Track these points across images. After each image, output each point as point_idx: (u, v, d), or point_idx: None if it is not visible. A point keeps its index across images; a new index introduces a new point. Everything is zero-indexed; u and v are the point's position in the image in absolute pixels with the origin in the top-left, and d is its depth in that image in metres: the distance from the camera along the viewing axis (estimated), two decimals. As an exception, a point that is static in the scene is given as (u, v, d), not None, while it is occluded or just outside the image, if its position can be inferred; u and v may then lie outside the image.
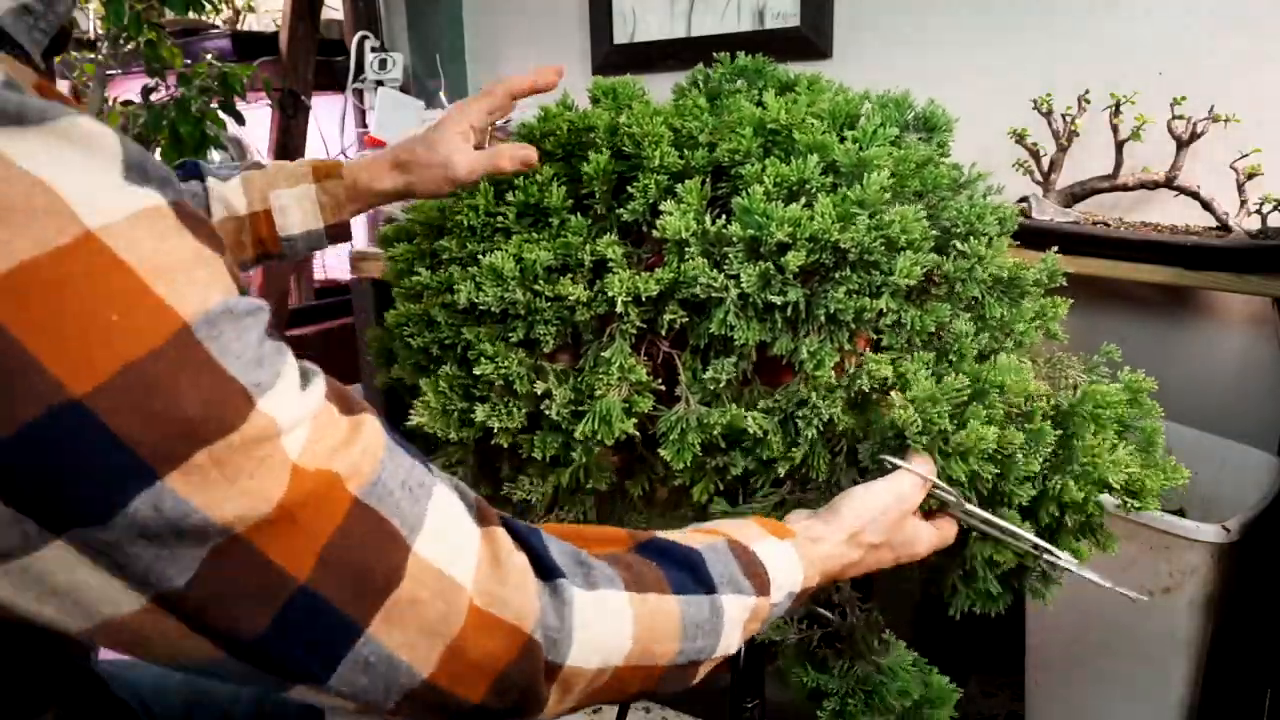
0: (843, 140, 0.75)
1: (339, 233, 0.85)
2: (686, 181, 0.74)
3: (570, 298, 0.73)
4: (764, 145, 0.76)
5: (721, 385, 0.72)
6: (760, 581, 0.56)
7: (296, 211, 0.82)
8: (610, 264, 0.74)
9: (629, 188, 0.77)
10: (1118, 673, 1.29)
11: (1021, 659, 1.42)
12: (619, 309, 0.72)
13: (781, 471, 0.72)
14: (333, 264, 2.64)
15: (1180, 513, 1.33)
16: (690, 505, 0.78)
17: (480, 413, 0.77)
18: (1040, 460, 0.67)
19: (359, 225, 2.42)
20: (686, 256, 0.71)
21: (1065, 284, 0.84)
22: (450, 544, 0.44)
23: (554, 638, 0.46)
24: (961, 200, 0.78)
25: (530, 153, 0.78)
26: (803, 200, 0.71)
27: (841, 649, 0.77)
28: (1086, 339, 1.60)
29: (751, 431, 0.71)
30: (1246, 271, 1.20)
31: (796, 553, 0.60)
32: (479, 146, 0.84)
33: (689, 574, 0.54)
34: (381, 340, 0.90)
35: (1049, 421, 0.69)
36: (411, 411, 0.81)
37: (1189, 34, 1.43)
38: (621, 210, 0.77)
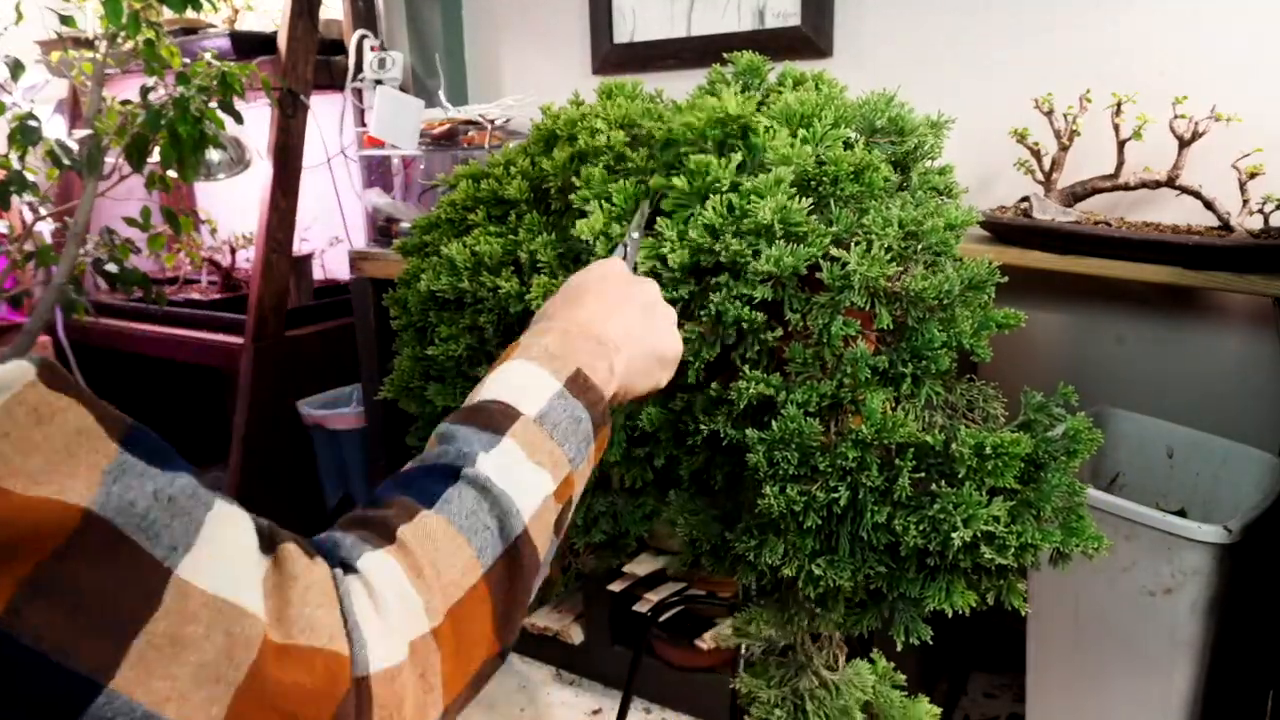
0: (803, 143, 0.74)
1: None
2: (619, 181, 0.74)
3: (502, 290, 0.78)
4: (713, 137, 0.76)
5: None
6: (501, 414, 0.52)
7: None
8: (540, 264, 0.77)
9: (574, 179, 0.78)
10: (1118, 673, 1.29)
11: (1022, 659, 1.42)
12: (534, 308, 0.75)
13: (684, 473, 0.72)
14: (332, 264, 2.63)
15: (1181, 513, 1.33)
16: (651, 491, 0.82)
17: (431, 390, 0.84)
18: (887, 510, 0.64)
19: (358, 225, 2.42)
20: (595, 255, 0.73)
21: (1000, 285, 0.73)
22: (229, 564, 0.37)
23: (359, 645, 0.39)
24: (878, 205, 0.72)
25: None
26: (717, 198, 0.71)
27: (785, 660, 0.77)
28: (1087, 339, 1.61)
29: (645, 429, 0.73)
30: (1248, 271, 1.20)
31: (525, 358, 0.56)
32: None
33: (428, 478, 0.49)
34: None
35: (923, 468, 0.65)
36: (380, 387, 0.89)
37: (1190, 34, 1.43)
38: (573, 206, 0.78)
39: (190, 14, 1.57)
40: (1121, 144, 1.37)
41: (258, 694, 0.35)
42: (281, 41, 2.04)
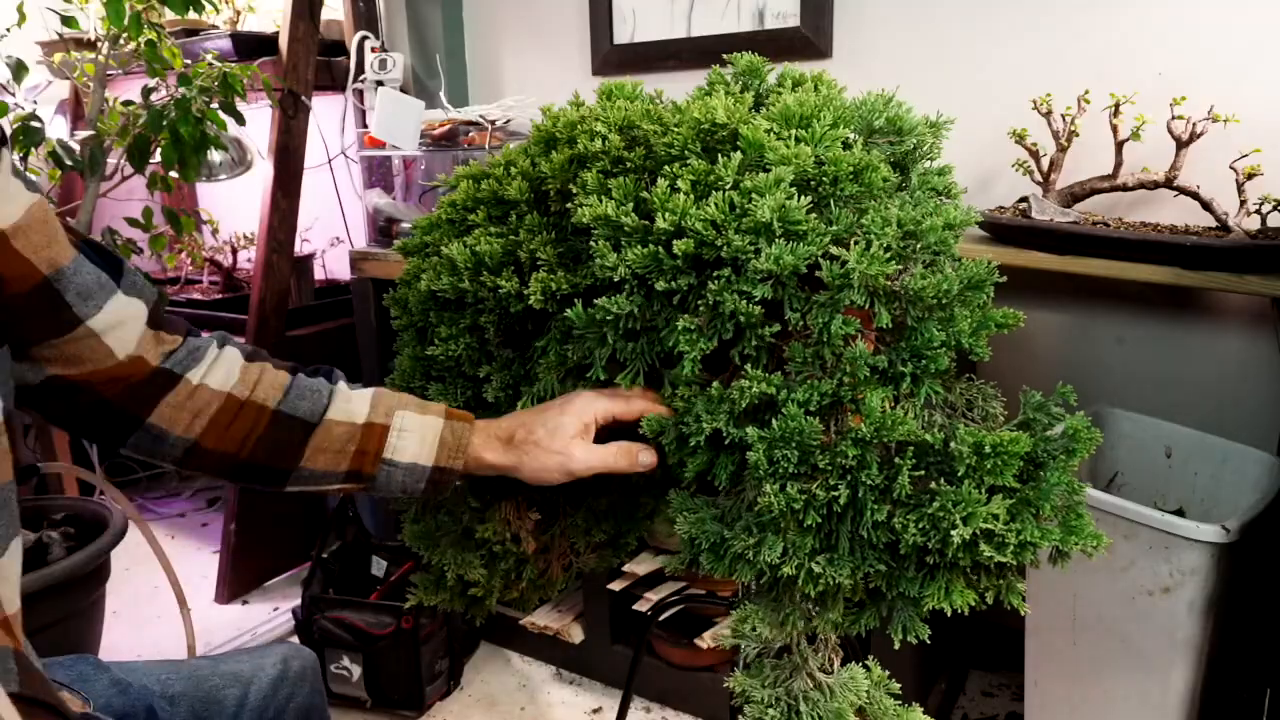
0: (799, 143, 0.74)
1: (440, 481, 0.78)
2: (617, 178, 0.75)
3: (503, 289, 0.77)
4: (704, 145, 0.76)
5: (631, 378, 0.73)
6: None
7: (414, 439, 0.76)
8: (540, 261, 0.77)
9: (571, 185, 0.78)
10: (1116, 672, 1.29)
11: (1020, 658, 1.43)
12: (533, 304, 0.75)
13: (689, 474, 0.72)
14: (333, 264, 2.64)
15: (1180, 513, 1.34)
16: (651, 491, 0.83)
17: (432, 390, 0.84)
18: (886, 509, 0.64)
19: (359, 226, 2.43)
20: (594, 240, 0.72)
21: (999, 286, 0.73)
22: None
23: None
24: (876, 206, 0.72)
25: (652, 457, 0.75)
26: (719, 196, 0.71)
27: (780, 662, 0.77)
28: (1086, 339, 1.61)
29: (647, 433, 0.73)
30: (1246, 271, 1.21)
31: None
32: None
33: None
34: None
35: (923, 467, 0.65)
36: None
37: (1189, 34, 1.43)
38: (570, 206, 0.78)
39: (192, 15, 1.58)
40: (1120, 145, 1.37)
41: None
42: (283, 43, 2.04)
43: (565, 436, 0.75)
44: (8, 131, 1.54)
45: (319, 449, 0.75)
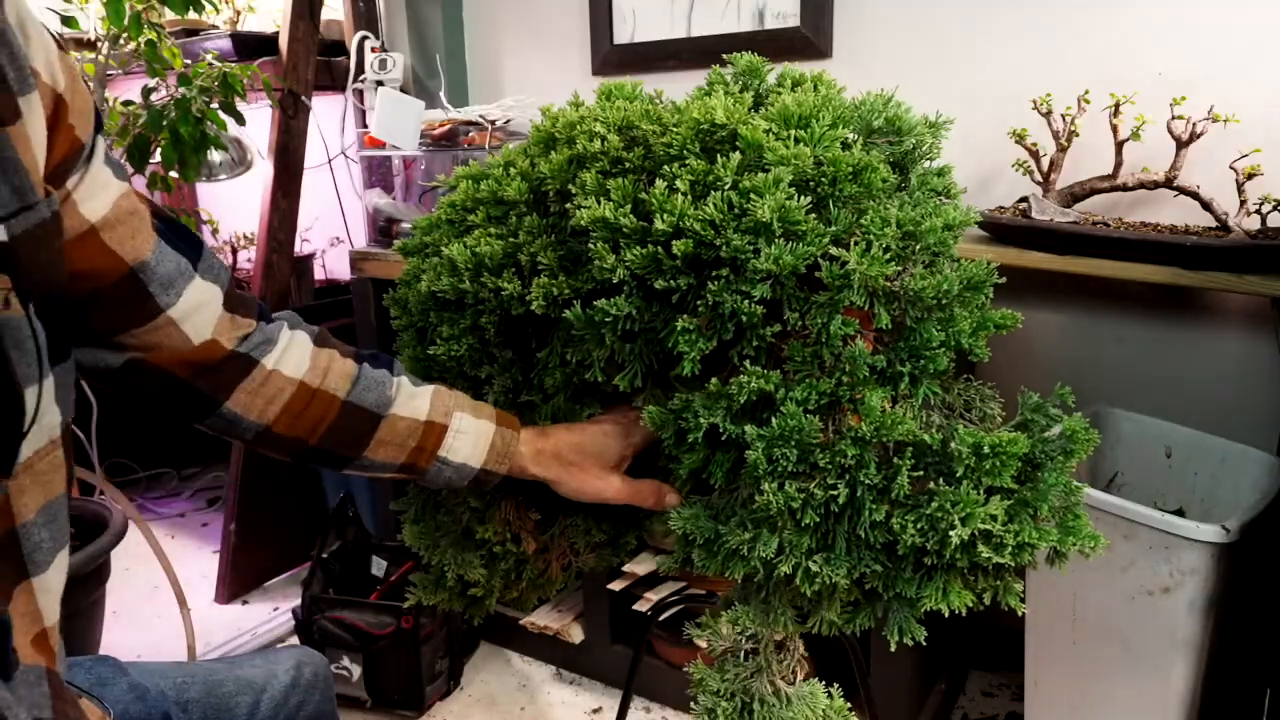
0: (798, 143, 0.74)
1: (483, 480, 0.80)
2: (616, 179, 0.74)
3: (505, 292, 0.77)
4: (703, 145, 0.76)
5: (630, 380, 0.73)
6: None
7: (469, 441, 0.78)
8: (540, 266, 0.77)
9: (570, 186, 0.78)
10: (1116, 672, 1.29)
11: (1020, 658, 1.43)
12: (535, 309, 0.75)
13: (683, 471, 0.72)
14: (333, 264, 2.64)
15: (1180, 513, 1.34)
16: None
17: None
18: (885, 508, 0.65)
19: (359, 226, 2.43)
20: (592, 242, 0.72)
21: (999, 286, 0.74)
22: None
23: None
24: (876, 205, 0.72)
25: (676, 499, 0.78)
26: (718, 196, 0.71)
27: (745, 663, 0.78)
28: (1086, 339, 1.61)
29: (651, 426, 0.74)
30: (1246, 271, 1.21)
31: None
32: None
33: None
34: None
35: (921, 467, 0.66)
36: None
37: (1189, 34, 1.43)
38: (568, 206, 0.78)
39: (192, 15, 1.58)
40: (1120, 144, 1.37)
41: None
42: (283, 43, 2.05)
43: (610, 465, 0.79)
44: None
45: (382, 441, 0.77)
